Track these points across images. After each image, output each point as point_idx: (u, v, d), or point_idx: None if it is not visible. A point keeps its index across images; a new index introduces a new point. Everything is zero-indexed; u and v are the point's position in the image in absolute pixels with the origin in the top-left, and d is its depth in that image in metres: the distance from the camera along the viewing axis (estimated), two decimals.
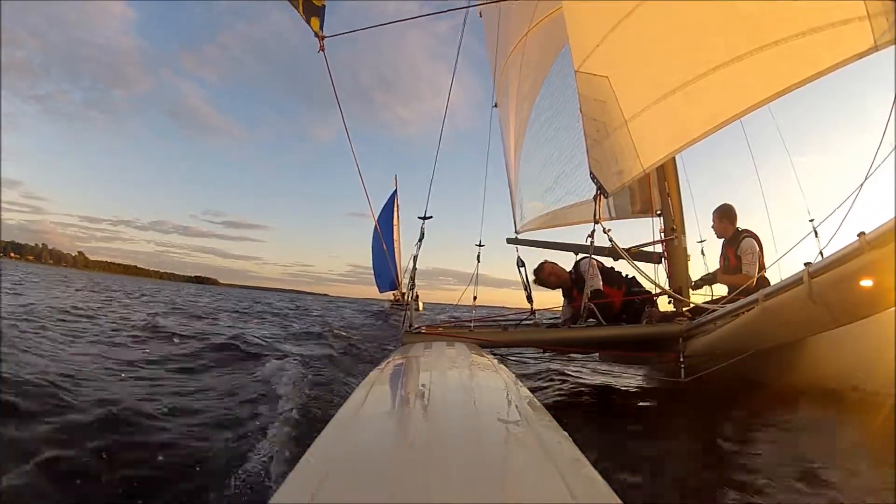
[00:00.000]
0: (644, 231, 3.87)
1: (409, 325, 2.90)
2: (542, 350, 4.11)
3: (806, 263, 1.86)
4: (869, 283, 1.68)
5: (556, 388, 3.41)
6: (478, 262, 3.81)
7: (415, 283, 3.22)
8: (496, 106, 5.71)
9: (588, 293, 3.11)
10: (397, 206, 22.06)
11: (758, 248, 3.32)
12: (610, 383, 3.62)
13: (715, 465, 1.77)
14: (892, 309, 1.86)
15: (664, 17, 2.35)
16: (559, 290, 3.66)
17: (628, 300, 3.31)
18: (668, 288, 3.41)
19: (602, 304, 3.16)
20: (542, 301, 3.86)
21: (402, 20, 2.16)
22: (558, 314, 3.77)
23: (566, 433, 0.82)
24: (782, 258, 2.54)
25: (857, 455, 1.73)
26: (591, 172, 2.90)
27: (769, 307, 2.03)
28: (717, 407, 2.60)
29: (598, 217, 2.90)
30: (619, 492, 0.57)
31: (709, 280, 3.73)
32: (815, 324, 2.07)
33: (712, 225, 3.59)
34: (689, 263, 3.65)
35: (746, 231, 3.41)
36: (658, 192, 3.85)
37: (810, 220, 3.25)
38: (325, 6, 1.86)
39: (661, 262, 3.66)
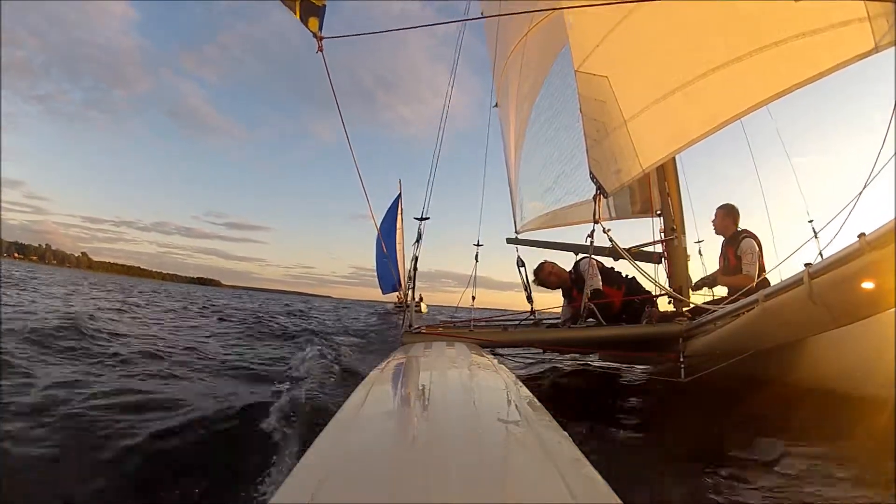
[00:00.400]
0: (644, 231, 3.87)
1: (409, 325, 2.89)
2: (542, 350, 4.11)
3: (806, 264, 1.85)
4: (869, 284, 1.68)
5: (556, 388, 3.41)
6: (476, 261, 3.81)
7: (415, 283, 3.21)
8: (496, 106, 5.70)
9: (588, 293, 3.11)
10: (401, 209, 22.24)
11: (757, 249, 3.30)
12: (610, 383, 3.62)
13: (715, 466, 1.77)
14: (892, 310, 1.85)
15: (664, 18, 2.35)
16: (559, 290, 3.66)
17: (628, 300, 3.31)
18: (668, 288, 3.42)
19: (602, 304, 3.15)
20: (543, 302, 3.86)
21: (402, 29, 2.16)
22: (559, 315, 3.77)
23: (566, 433, 0.82)
24: (784, 262, 2.54)
25: (857, 455, 1.73)
26: (590, 172, 2.91)
27: (769, 307, 2.03)
28: (717, 407, 2.60)
29: (597, 217, 2.90)
30: (618, 492, 0.57)
31: (709, 282, 3.71)
32: (815, 324, 2.07)
33: (713, 221, 3.55)
34: (689, 263, 3.65)
35: (746, 231, 3.40)
36: (658, 192, 3.85)
37: (810, 220, 3.24)
38: (325, 6, 1.84)
39: (661, 262, 3.66)
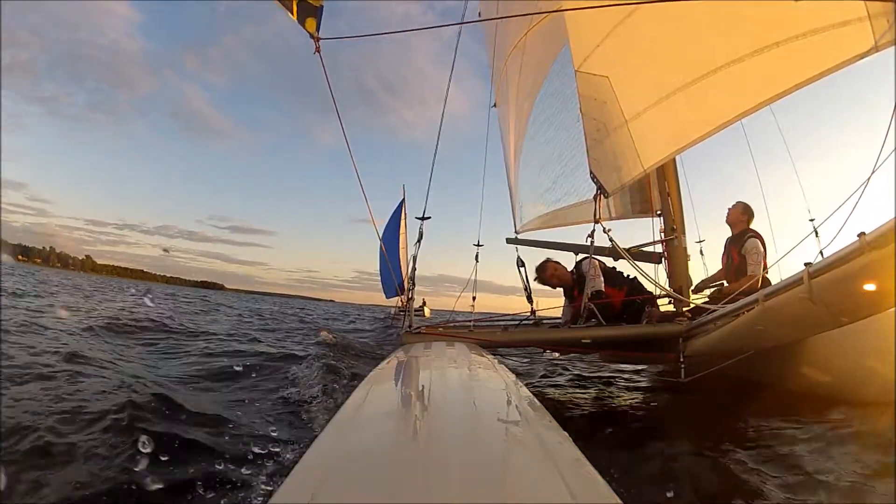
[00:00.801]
0: (644, 231, 3.87)
1: (410, 325, 2.90)
2: (542, 350, 4.11)
3: (806, 263, 1.85)
4: (869, 284, 1.68)
5: (556, 388, 3.41)
6: (476, 262, 3.81)
7: (414, 283, 3.22)
8: (495, 106, 5.69)
9: (588, 293, 3.11)
10: (405, 214, 22.41)
11: (762, 249, 3.29)
12: (610, 383, 3.62)
13: (715, 465, 1.77)
14: (892, 309, 1.85)
15: (664, 19, 2.35)
16: (560, 289, 3.66)
17: (629, 300, 3.31)
18: (668, 288, 3.41)
19: (603, 305, 3.15)
20: (544, 303, 3.83)
21: (400, 31, 2.16)
22: (559, 316, 3.76)
23: (566, 433, 0.82)
24: (783, 258, 2.53)
25: (858, 455, 1.73)
26: (591, 172, 2.90)
27: (769, 307, 2.02)
28: (717, 407, 2.60)
29: (598, 217, 2.90)
30: (618, 492, 0.57)
31: (714, 284, 3.69)
32: (815, 324, 2.07)
33: (727, 217, 3.51)
34: (689, 263, 3.65)
35: (753, 231, 3.39)
36: (658, 192, 3.85)
37: (811, 220, 3.25)
38: (322, 7, 1.83)
39: (661, 262, 3.66)
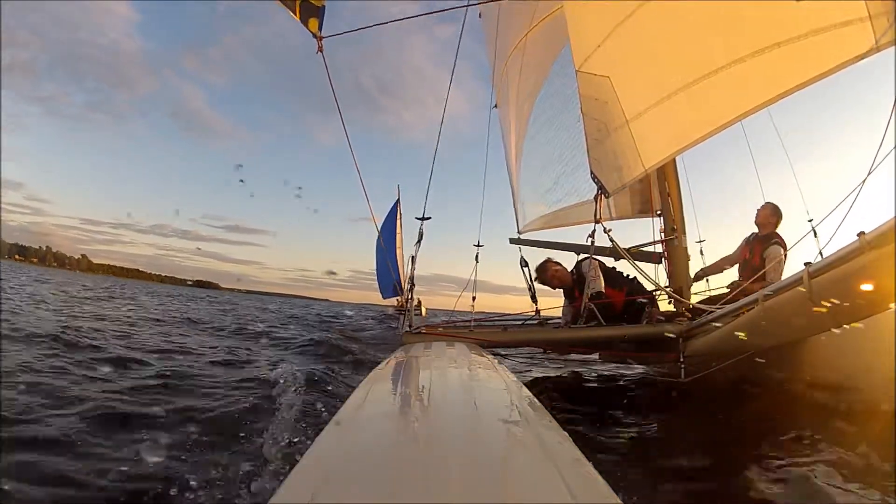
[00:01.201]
0: (644, 231, 3.87)
1: (410, 325, 2.90)
2: (542, 350, 4.11)
3: (806, 263, 1.85)
4: (869, 284, 1.67)
5: (556, 388, 3.41)
6: (476, 262, 3.81)
7: (414, 283, 3.22)
8: (496, 106, 5.69)
9: (588, 294, 3.10)
10: (400, 214, 22.48)
11: (783, 257, 3.26)
12: (610, 383, 3.62)
13: (715, 465, 1.77)
14: (892, 309, 1.85)
15: (665, 19, 2.35)
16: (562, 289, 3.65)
17: (629, 300, 3.31)
18: (668, 288, 3.41)
19: (603, 305, 3.15)
20: (548, 303, 3.83)
21: (399, 20, 2.16)
22: (560, 316, 3.76)
23: (566, 433, 0.82)
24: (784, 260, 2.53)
25: (857, 455, 1.73)
26: (591, 172, 2.90)
27: (769, 307, 2.02)
28: (717, 407, 2.60)
29: (598, 217, 2.90)
30: (618, 492, 0.57)
31: (716, 270, 3.72)
32: (815, 324, 2.07)
33: (756, 217, 3.50)
34: (689, 263, 3.65)
35: (778, 237, 3.37)
36: (658, 192, 3.85)
37: (809, 220, 3.25)
38: (324, 6, 1.84)
39: (661, 262, 3.66)
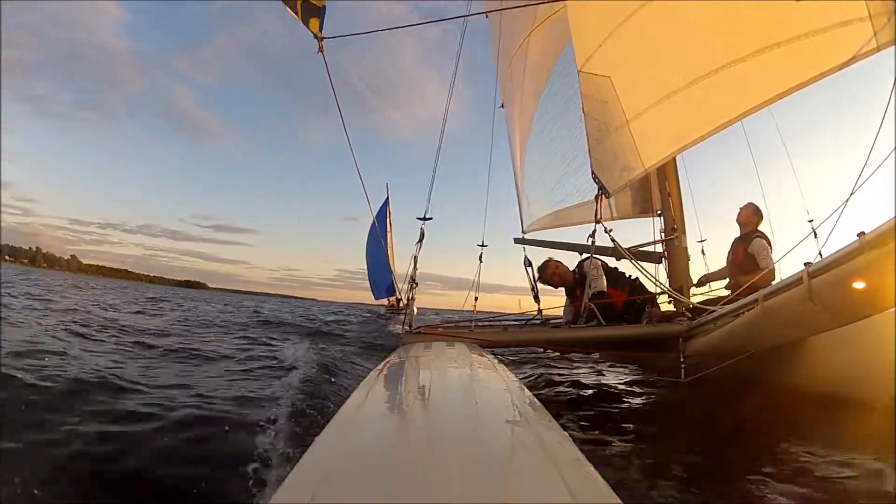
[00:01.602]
0: (644, 231, 3.87)
1: (410, 325, 2.90)
2: (542, 350, 4.11)
3: (806, 263, 1.85)
4: (869, 284, 1.67)
5: (556, 388, 3.41)
6: (480, 262, 3.81)
7: (415, 283, 3.22)
8: (502, 106, 5.70)
9: (588, 293, 3.10)
10: (389, 213, 22.50)
11: (769, 247, 3.37)
12: (610, 383, 3.62)
13: (715, 465, 1.78)
14: (891, 309, 1.85)
15: (666, 19, 2.35)
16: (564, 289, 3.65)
17: (630, 300, 3.31)
18: (668, 288, 3.41)
19: (604, 305, 3.15)
20: (550, 302, 3.82)
21: (404, 26, 2.18)
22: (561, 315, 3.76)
23: (566, 433, 0.82)
24: (783, 258, 2.54)
25: (857, 455, 1.73)
26: (592, 172, 2.90)
27: (769, 307, 2.03)
28: (717, 407, 2.60)
29: (599, 217, 2.90)
30: (619, 492, 0.57)
31: (716, 278, 3.73)
32: (815, 324, 2.07)
33: (738, 216, 3.59)
34: (690, 263, 3.65)
35: (759, 232, 3.48)
36: (658, 192, 3.85)
37: (809, 220, 3.25)
38: (324, 7, 1.84)
39: (661, 262, 3.66)
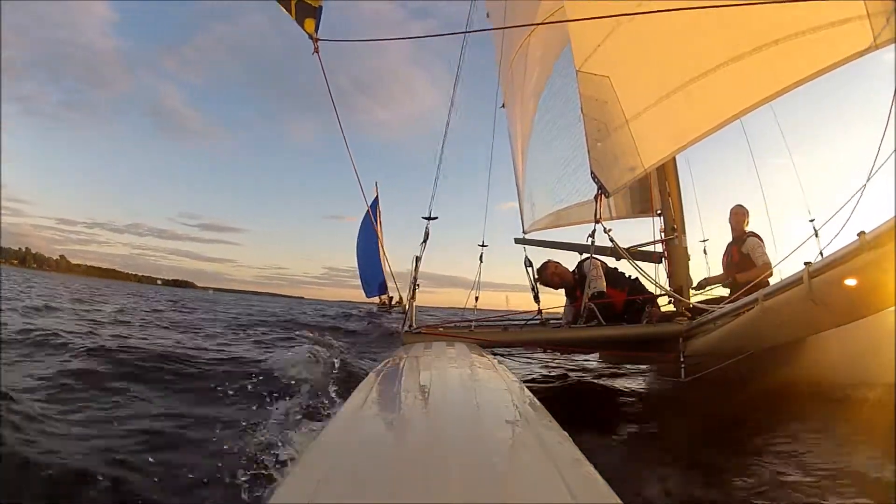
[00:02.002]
0: (644, 231, 3.86)
1: (410, 325, 2.89)
2: (542, 350, 4.11)
3: (806, 263, 1.85)
4: (869, 283, 1.67)
5: (556, 388, 3.41)
6: (480, 262, 3.82)
7: (418, 283, 3.21)
8: (503, 106, 5.72)
9: (589, 293, 3.10)
10: (379, 211, 22.77)
11: (762, 245, 3.45)
12: (610, 383, 3.62)
13: (715, 465, 1.77)
14: (891, 308, 1.85)
15: (664, 18, 2.35)
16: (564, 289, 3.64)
17: (630, 300, 3.31)
18: (668, 288, 3.41)
19: (604, 305, 3.15)
20: (550, 302, 3.82)
21: (407, 38, 2.18)
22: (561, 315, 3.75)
23: (566, 433, 0.82)
24: (783, 261, 2.54)
25: (857, 455, 1.73)
26: (591, 172, 2.90)
27: (769, 307, 2.02)
28: (717, 407, 2.59)
29: (598, 217, 2.90)
30: (619, 492, 0.57)
31: (717, 281, 3.75)
32: (815, 324, 2.07)
33: (731, 219, 3.69)
34: (690, 263, 3.65)
35: (751, 232, 3.58)
36: (658, 192, 3.84)
37: (811, 220, 3.26)
38: (321, 7, 1.82)
39: (661, 262, 3.66)
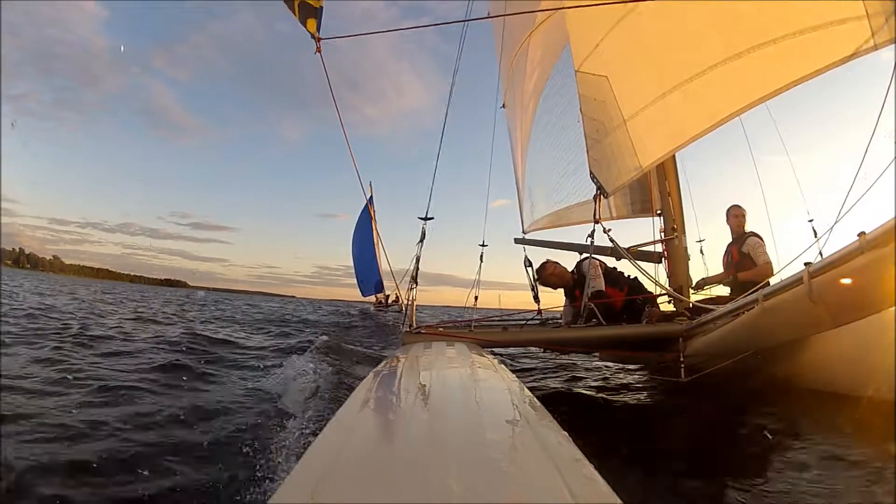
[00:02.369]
0: (644, 231, 3.87)
1: (410, 325, 2.89)
2: (542, 350, 4.11)
3: (806, 263, 1.85)
4: (869, 284, 1.67)
5: (556, 388, 3.41)
6: (481, 261, 3.81)
7: (417, 283, 3.21)
8: (503, 106, 5.72)
9: (588, 293, 3.10)
10: (373, 211, 22.97)
11: (763, 244, 3.44)
12: (610, 383, 3.62)
13: (715, 465, 1.77)
14: (891, 308, 1.85)
15: (662, 17, 2.35)
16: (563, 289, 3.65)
17: (629, 300, 3.31)
18: (668, 288, 3.41)
19: (603, 305, 3.15)
20: (549, 301, 3.82)
21: (405, 28, 2.19)
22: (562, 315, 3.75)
23: (566, 433, 0.82)
24: (785, 269, 2.54)
25: (858, 453, 1.73)
26: (590, 172, 2.90)
27: (769, 307, 2.02)
28: (717, 407, 2.59)
29: (598, 217, 2.90)
30: (618, 492, 0.57)
31: (718, 279, 3.76)
32: (815, 324, 2.07)
33: (729, 220, 3.69)
34: (690, 263, 3.66)
35: (750, 231, 3.57)
36: (658, 192, 3.85)
37: (810, 220, 3.26)
38: (322, 7, 1.84)
39: (661, 262, 3.66)
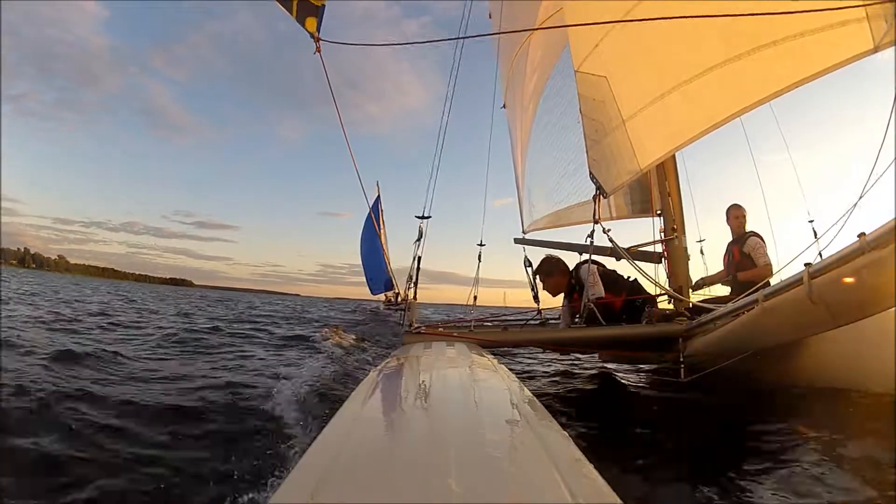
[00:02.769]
0: (644, 231, 3.87)
1: (410, 325, 2.90)
2: (542, 350, 4.11)
3: (806, 264, 1.85)
4: (869, 284, 1.67)
5: (556, 388, 3.40)
6: (479, 261, 3.82)
7: (417, 282, 3.22)
8: (504, 107, 5.74)
9: (586, 299, 3.09)
10: (381, 210, 22.90)
11: (763, 244, 3.48)
12: (610, 383, 3.62)
13: (715, 465, 1.77)
14: (891, 309, 1.85)
15: (662, 16, 2.35)
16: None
17: (629, 300, 3.31)
18: (668, 288, 3.41)
19: (603, 305, 3.15)
20: (548, 300, 3.83)
21: (406, 43, 2.21)
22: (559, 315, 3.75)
23: (566, 433, 0.82)
24: (785, 268, 2.55)
25: (857, 455, 1.73)
26: (590, 172, 2.90)
27: (769, 307, 2.02)
28: (717, 407, 2.60)
29: (597, 217, 2.90)
30: (618, 492, 0.57)
31: (718, 279, 3.77)
32: (815, 324, 2.07)
33: (729, 219, 3.73)
34: (690, 263, 3.66)
35: (751, 231, 3.60)
36: (658, 192, 3.85)
37: (810, 221, 3.27)
38: (324, 6, 1.82)
39: (661, 262, 3.66)
